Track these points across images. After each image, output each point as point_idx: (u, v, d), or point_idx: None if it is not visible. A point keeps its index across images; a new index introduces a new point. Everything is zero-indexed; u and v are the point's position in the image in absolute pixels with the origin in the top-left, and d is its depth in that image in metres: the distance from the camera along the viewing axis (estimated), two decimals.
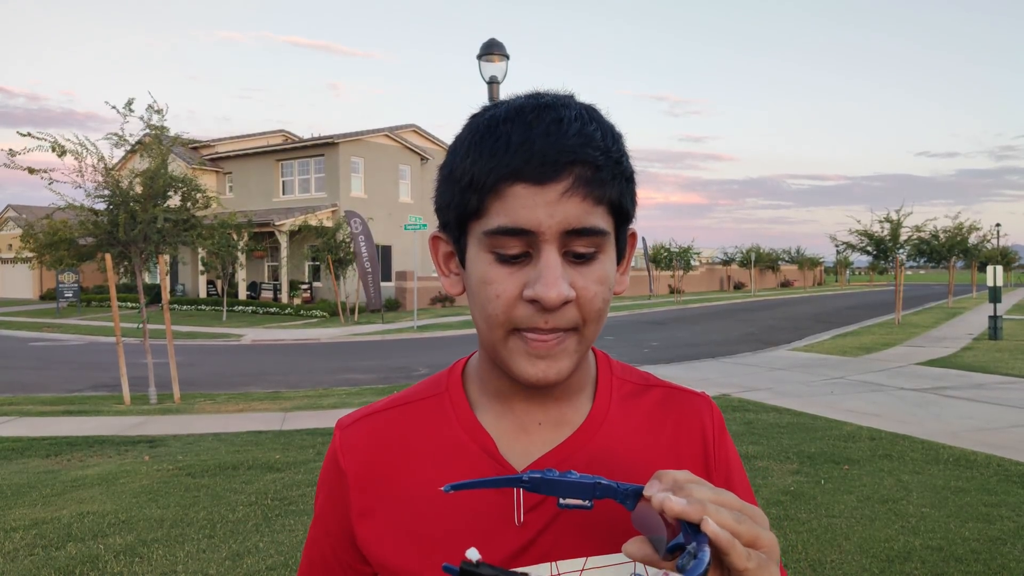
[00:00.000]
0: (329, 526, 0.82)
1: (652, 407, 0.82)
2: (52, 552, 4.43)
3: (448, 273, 0.78)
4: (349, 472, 0.79)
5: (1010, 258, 51.28)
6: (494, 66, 10.06)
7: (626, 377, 0.84)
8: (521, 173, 0.66)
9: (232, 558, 4.32)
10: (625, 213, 0.71)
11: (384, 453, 0.79)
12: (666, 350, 16.27)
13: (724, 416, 0.87)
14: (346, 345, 18.92)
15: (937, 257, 29.10)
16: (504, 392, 0.78)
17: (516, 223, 0.66)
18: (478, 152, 0.68)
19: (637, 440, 0.78)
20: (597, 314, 0.70)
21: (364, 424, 0.82)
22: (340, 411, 8.97)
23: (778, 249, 61.36)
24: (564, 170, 0.66)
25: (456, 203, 0.70)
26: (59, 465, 6.60)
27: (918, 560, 4.18)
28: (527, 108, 0.69)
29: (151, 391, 10.05)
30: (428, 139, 34.83)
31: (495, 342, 0.71)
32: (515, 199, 0.66)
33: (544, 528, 0.73)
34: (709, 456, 0.80)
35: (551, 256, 0.67)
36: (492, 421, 0.78)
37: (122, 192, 9.84)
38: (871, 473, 5.96)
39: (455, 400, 0.80)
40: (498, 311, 0.69)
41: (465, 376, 0.82)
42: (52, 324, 24.44)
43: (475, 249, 0.70)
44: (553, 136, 0.66)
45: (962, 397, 9.53)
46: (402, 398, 0.83)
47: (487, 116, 0.71)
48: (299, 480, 5.92)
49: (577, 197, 0.66)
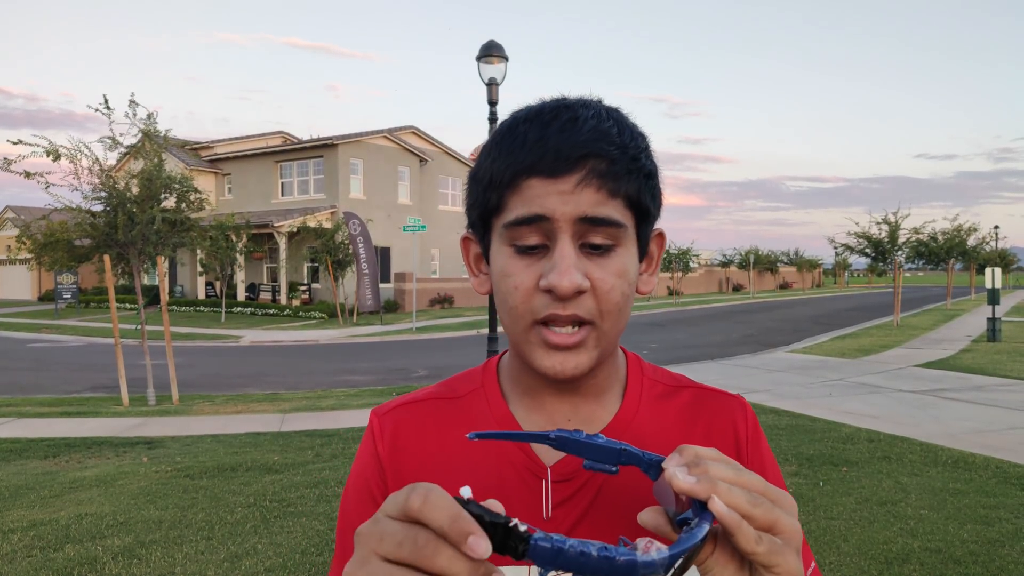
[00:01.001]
0: (363, 516, 0.81)
1: (683, 408, 0.82)
2: (50, 554, 4.42)
3: (477, 273, 0.80)
4: (384, 458, 0.80)
5: (1008, 260, 51.32)
6: (493, 68, 10.07)
7: (657, 378, 0.84)
8: (535, 167, 0.68)
9: (230, 559, 4.32)
10: (645, 209, 0.72)
11: (418, 442, 0.80)
12: (665, 352, 16.27)
13: None
14: (345, 346, 18.91)
15: (935, 259, 29.09)
16: (533, 388, 0.79)
17: (532, 211, 0.68)
18: (498, 151, 0.71)
19: (667, 440, 0.78)
20: (615, 307, 0.71)
21: (400, 412, 0.83)
22: (339, 412, 8.98)
23: (777, 251, 61.38)
24: (577, 164, 0.68)
25: (479, 202, 0.74)
26: (57, 466, 6.59)
27: (916, 562, 4.18)
28: (546, 109, 0.71)
29: (149, 392, 10.04)
30: (427, 140, 34.82)
31: (518, 335, 0.73)
32: (530, 191, 0.69)
33: (573, 525, 0.74)
34: (742, 457, 0.80)
35: (565, 246, 0.68)
36: (523, 415, 0.79)
37: (119, 193, 9.84)
38: (870, 475, 5.96)
39: (490, 394, 0.81)
40: (517, 302, 0.70)
41: (499, 371, 0.84)
42: (51, 325, 24.42)
43: (497, 244, 0.73)
44: (567, 132, 0.68)
45: (961, 399, 9.54)
46: (438, 391, 0.85)
47: (510, 119, 0.74)
48: (297, 482, 5.91)
49: (591, 188, 0.68)
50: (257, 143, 35.25)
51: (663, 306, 34.39)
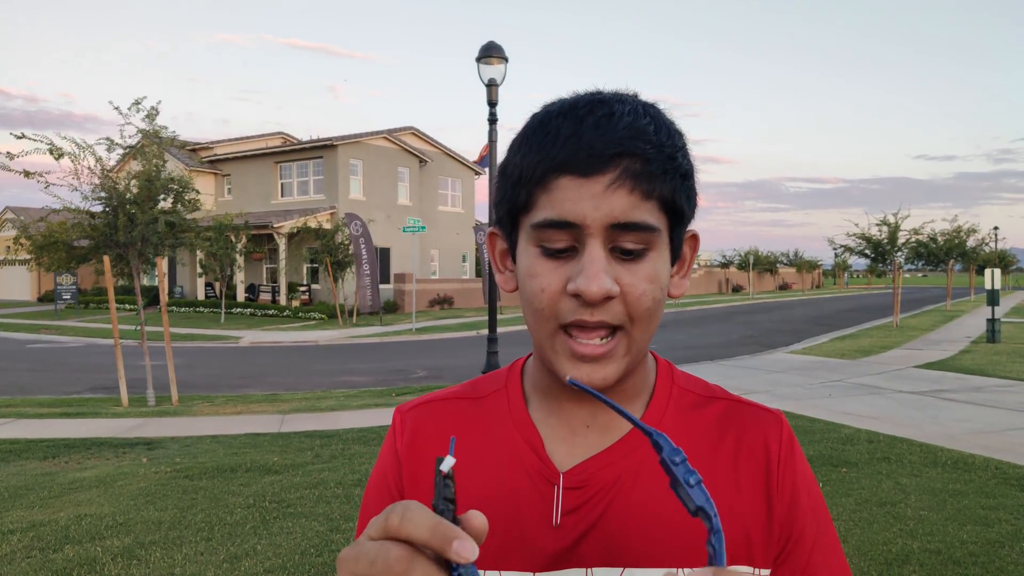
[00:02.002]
0: (383, 502, 0.81)
1: (713, 420, 0.78)
2: (49, 555, 4.42)
3: (503, 270, 0.78)
4: (403, 455, 0.80)
5: (1008, 261, 51.38)
6: (493, 68, 10.06)
7: (689, 387, 0.80)
8: (567, 165, 0.65)
9: (230, 560, 4.31)
10: (679, 211, 0.69)
11: (437, 441, 0.80)
12: (665, 353, 16.14)
13: None
14: (344, 347, 18.91)
15: (935, 260, 29.10)
16: (553, 391, 0.77)
17: (561, 216, 0.66)
18: (528, 147, 0.68)
19: (692, 453, 0.73)
20: (646, 313, 0.68)
21: (423, 411, 0.83)
22: (338, 413, 8.98)
23: (776, 252, 61.30)
24: (611, 162, 0.65)
25: (507, 198, 0.71)
26: (57, 467, 6.59)
27: (916, 563, 4.18)
28: (580, 103, 0.68)
29: (149, 393, 10.04)
30: (427, 141, 34.81)
31: (543, 339, 0.70)
32: (561, 191, 0.66)
33: (582, 535, 0.72)
34: (772, 477, 0.75)
35: (595, 250, 0.66)
36: (542, 419, 0.78)
37: (119, 194, 9.84)
38: (869, 476, 5.96)
39: (512, 396, 0.80)
40: (543, 305, 0.68)
41: (523, 373, 0.82)
42: (50, 326, 24.40)
43: (524, 243, 0.71)
44: (602, 128, 0.65)
45: (960, 400, 9.54)
46: (463, 390, 0.84)
47: (542, 112, 0.71)
48: (297, 482, 5.91)
49: (624, 190, 0.65)
50: (257, 144, 35.23)
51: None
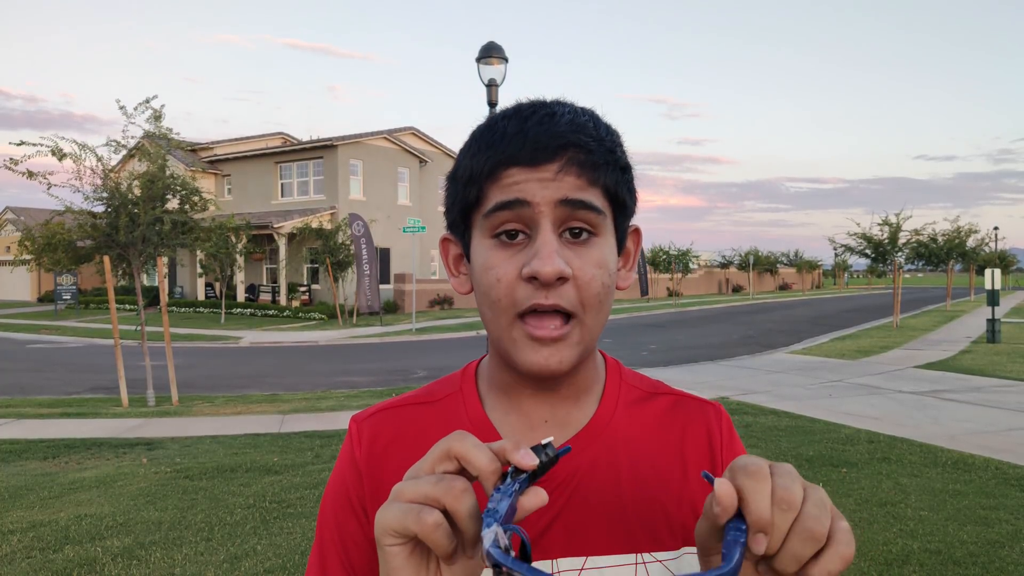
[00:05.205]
0: (340, 519, 0.80)
1: (660, 413, 0.82)
2: (49, 555, 4.42)
3: (457, 273, 0.81)
4: (362, 464, 0.80)
5: (1008, 261, 51.34)
6: (493, 69, 10.07)
7: (635, 384, 0.84)
8: (516, 158, 0.69)
9: (230, 561, 4.31)
10: (622, 202, 0.73)
11: (396, 448, 0.80)
12: (665, 353, 16.28)
13: None
14: (344, 347, 18.91)
15: (935, 260, 29.08)
16: (512, 388, 0.78)
17: (511, 195, 0.69)
18: (477, 147, 0.72)
19: (643, 445, 0.78)
20: (596, 299, 0.71)
21: (379, 419, 0.83)
22: (338, 414, 8.97)
23: (776, 252, 61.19)
24: (557, 153, 0.69)
25: (459, 198, 0.74)
26: (57, 467, 6.59)
27: (916, 563, 4.18)
28: (524, 107, 0.73)
29: (149, 393, 10.04)
30: (427, 141, 34.82)
31: (500, 330, 0.72)
32: (511, 179, 0.70)
33: (546, 527, 0.73)
34: (716, 461, 0.81)
35: (547, 233, 0.69)
36: (500, 417, 0.79)
37: (121, 195, 9.85)
38: (869, 476, 5.96)
39: (467, 397, 0.81)
40: (500, 295, 0.70)
41: (478, 374, 0.84)
42: (50, 326, 24.40)
43: (478, 238, 0.73)
44: (546, 125, 0.70)
45: (960, 400, 9.54)
46: (417, 395, 0.85)
47: (487, 119, 0.75)
48: (297, 483, 5.91)
49: (571, 175, 0.69)
50: (257, 144, 35.23)
51: (663, 307, 34.38)
